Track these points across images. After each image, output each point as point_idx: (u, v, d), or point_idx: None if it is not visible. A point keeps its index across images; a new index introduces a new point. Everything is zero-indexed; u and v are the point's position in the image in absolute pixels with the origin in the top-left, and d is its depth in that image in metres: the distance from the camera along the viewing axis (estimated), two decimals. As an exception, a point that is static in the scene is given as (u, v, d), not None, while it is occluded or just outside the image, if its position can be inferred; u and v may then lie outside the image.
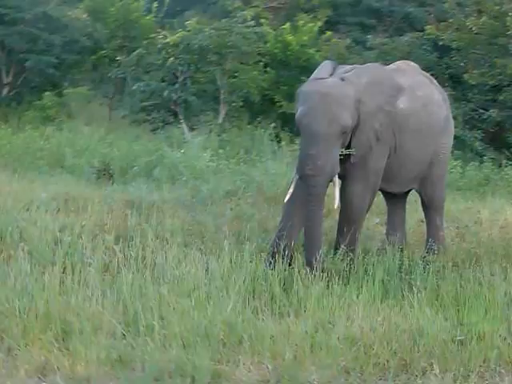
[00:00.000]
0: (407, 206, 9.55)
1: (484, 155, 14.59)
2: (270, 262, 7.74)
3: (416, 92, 8.64)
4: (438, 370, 5.85)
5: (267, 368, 5.75)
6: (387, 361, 6.02)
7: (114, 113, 18.47)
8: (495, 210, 10.81)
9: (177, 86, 16.13)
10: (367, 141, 8.06)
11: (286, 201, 8.16)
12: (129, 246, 7.89)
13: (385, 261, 7.94)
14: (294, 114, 8.10)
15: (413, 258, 8.40)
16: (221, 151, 13.24)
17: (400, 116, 8.34)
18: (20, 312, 6.03)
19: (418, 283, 7.46)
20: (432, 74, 16.27)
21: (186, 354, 5.68)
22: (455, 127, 14.37)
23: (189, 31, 16.20)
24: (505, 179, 13.20)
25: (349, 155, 8.02)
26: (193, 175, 11.91)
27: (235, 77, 16.44)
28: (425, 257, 8.49)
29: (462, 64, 15.09)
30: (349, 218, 8.20)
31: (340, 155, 7.94)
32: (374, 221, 10.28)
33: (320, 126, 7.72)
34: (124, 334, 5.92)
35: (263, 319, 6.53)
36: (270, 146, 14.26)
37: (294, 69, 17.90)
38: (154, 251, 7.75)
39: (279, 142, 15.09)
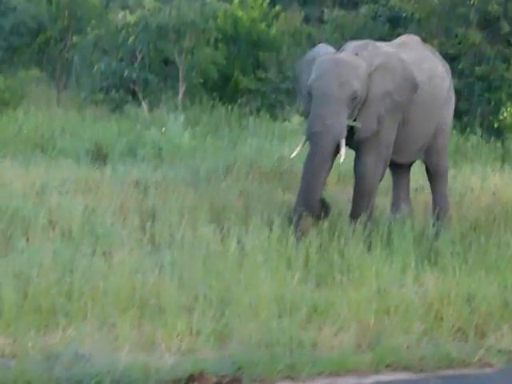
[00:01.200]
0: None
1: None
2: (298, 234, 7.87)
3: (422, 65, 8.93)
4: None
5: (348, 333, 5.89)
6: (453, 324, 6.18)
7: (62, 95, 18.16)
8: (482, 177, 11.12)
9: (136, 65, 15.99)
10: (371, 123, 8.34)
11: (291, 157, 8.84)
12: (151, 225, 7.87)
13: (404, 229, 8.09)
14: (253, 89, 8.27)
15: (427, 225, 8.58)
16: (197, 129, 13.23)
17: None
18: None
19: (452, 249, 7.65)
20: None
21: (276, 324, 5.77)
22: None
23: (148, 10, 16.08)
24: (475, 147, 13.56)
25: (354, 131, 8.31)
26: (180, 153, 11.92)
27: (193, 54, 16.38)
28: (434, 224, 8.69)
29: (422, 35, 15.42)
30: (363, 190, 8.49)
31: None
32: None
33: (331, 87, 8.10)
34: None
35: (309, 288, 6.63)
36: (239, 122, 14.34)
37: (245, 44, 18.01)
38: (184, 229, 7.75)
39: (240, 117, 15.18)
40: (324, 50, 8.68)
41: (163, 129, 12.67)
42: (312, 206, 8.11)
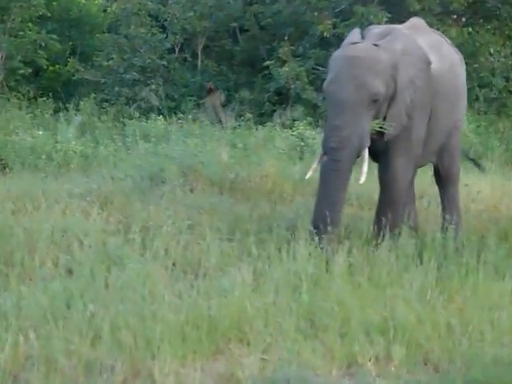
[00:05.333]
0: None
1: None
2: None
3: (441, 51, 9.82)
4: None
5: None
6: None
7: None
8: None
9: None
10: (400, 118, 9.07)
11: (307, 177, 9.33)
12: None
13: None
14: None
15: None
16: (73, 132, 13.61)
17: (433, 78, 9.43)
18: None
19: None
20: (242, 27, 17.98)
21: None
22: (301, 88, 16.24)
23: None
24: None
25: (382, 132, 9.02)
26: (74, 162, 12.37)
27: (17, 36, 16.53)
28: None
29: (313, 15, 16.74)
30: (393, 197, 9.23)
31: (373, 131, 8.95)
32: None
33: (346, 92, 8.71)
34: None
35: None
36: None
37: (61, 23, 18.37)
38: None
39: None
40: (348, 40, 9.31)
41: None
42: (337, 225, 8.76)
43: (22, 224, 9.06)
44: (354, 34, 9.43)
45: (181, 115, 15.46)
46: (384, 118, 9.01)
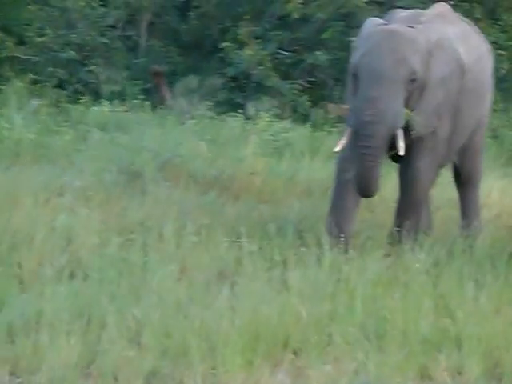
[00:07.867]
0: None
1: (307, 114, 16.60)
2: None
3: (469, 43, 10.31)
4: None
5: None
6: None
7: None
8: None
9: None
10: (432, 117, 9.71)
11: (335, 150, 9.73)
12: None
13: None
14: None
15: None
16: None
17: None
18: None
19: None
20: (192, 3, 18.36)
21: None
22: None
23: None
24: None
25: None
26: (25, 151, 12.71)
27: None
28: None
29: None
30: (415, 200, 9.88)
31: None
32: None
33: (385, 64, 9.29)
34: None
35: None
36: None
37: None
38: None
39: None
40: (372, 23, 9.87)
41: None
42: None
43: (10, 223, 9.40)
44: (377, 20, 9.97)
45: (135, 101, 15.65)
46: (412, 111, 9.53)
